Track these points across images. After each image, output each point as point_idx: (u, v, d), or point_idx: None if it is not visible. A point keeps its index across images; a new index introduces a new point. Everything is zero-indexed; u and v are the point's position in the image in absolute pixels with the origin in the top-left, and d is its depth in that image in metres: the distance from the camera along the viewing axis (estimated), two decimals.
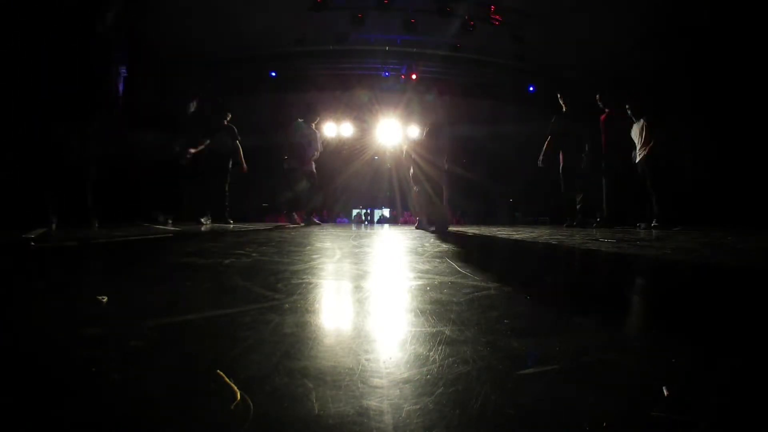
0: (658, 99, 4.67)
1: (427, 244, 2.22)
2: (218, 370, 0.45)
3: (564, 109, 5.01)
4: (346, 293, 0.99)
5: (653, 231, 3.84)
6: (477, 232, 3.75)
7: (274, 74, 8.26)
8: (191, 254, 1.68)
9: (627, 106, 4.81)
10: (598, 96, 5.00)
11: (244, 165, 5.37)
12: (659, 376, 0.47)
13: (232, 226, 4.55)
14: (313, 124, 5.57)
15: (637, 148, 4.70)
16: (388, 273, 1.34)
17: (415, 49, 8.08)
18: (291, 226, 4.94)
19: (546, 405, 0.41)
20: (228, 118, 5.36)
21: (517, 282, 1.08)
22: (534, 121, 6.61)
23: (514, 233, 3.48)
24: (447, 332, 0.62)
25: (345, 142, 9.68)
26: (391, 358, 0.52)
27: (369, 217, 11.16)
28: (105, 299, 0.77)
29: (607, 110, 4.96)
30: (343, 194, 10.53)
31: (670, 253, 1.81)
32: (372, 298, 0.92)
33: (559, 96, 5.08)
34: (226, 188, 5.28)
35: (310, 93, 8.82)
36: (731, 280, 1.23)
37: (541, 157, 5.08)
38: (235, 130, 5.34)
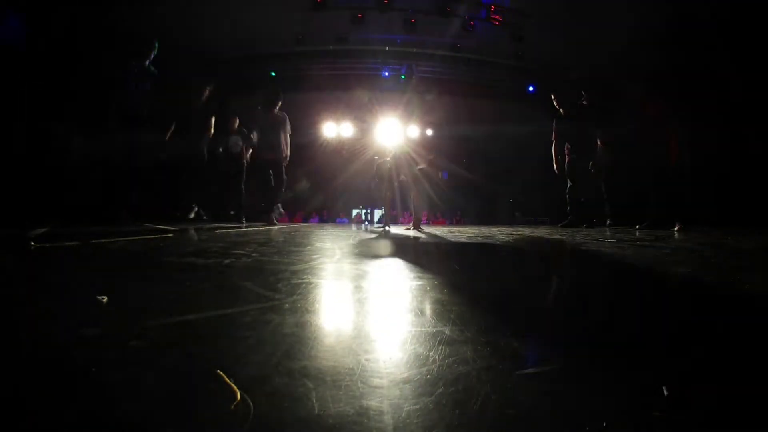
0: (658, 99, 4.65)
1: (427, 244, 2.22)
2: (218, 370, 0.45)
3: (561, 111, 4.99)
4: (346, 293, 0.99)
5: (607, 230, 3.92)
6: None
7: (274, 74, 8.26)
8: (191, 254, 1.68)
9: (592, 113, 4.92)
10: (552, 96, 5.05)
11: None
12: (660, 376, 0.47)
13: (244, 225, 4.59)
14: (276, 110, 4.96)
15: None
16: (388, 273, 1.34)
17: (415, 49, 8.07)
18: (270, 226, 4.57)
19: (546, 405, 0.41)
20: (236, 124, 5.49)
21: (518, 283, 1.08)
22: (534, 121, 6.60)
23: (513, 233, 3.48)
24: (447, 332, 0.62)
25: (345, 142, 9.69)
26: (391, 358, 0.52)
27: (369, 217, 11.16)
28: (105, 299, 0.77)
29: (561, 110, 4.98)
30: (343, 194, 10.53)
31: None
32: (372, 298, 0.92)
33: (552, 97, 5.06)
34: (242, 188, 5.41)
35: (310, 93, 8.83)
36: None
37: (555, 166, 5.06)
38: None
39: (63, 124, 3.02)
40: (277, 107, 5.03)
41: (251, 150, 5.15)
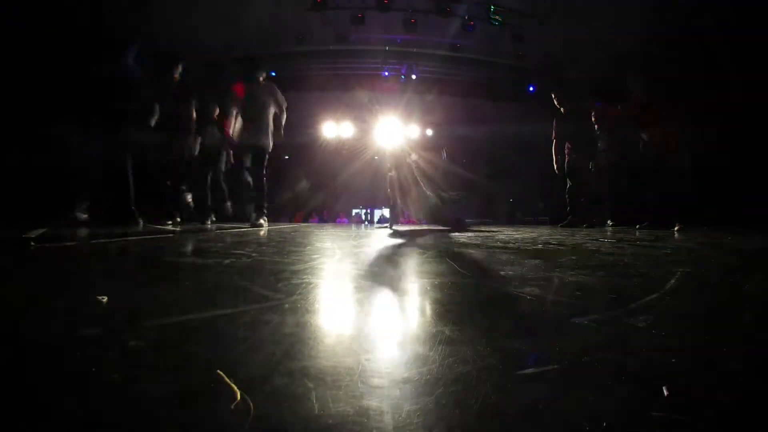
0: (659, 98, 4.65)
1: (426, 245, 2.22)
2: (218, 370, 0.45)
3: (562, 110, 4.99)
4: (347, 293, 0.99)
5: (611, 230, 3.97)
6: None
7: (273, 74, 8.27)
8: (191, 254, 1.69)
9: (592, 114, 4.96)
10: (552, 95, 5.05)
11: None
12: (660, 376, 0.47)
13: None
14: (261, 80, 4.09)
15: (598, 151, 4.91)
16: (388, 273, 1.34)
17: (415, 49, 8.08)
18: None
19: (546, 405, 0.41)
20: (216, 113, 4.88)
21: (518, 282, 1.07)
22: (534, 122, 6.60)
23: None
24: (447, 332, 0.62)
25: (345, 142, 9.69)
26: (391, 358, 0.52)
27: (369, 217, 11.17)
28: (105, 299, 0.77)
29: (562, 110, 4.99)
30: (343, 194, 10.53)
31: None
32: (372, 298, 0.92)
33: (553, 96, 5.06)
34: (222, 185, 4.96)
35: (310, 93, 8.83)
36: None
37: (555, 165, 5.07)
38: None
39: (58, 123, 2.97)
40: (262, 77, 4.14)
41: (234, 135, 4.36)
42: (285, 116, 4.13)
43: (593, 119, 4.83)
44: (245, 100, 4.01)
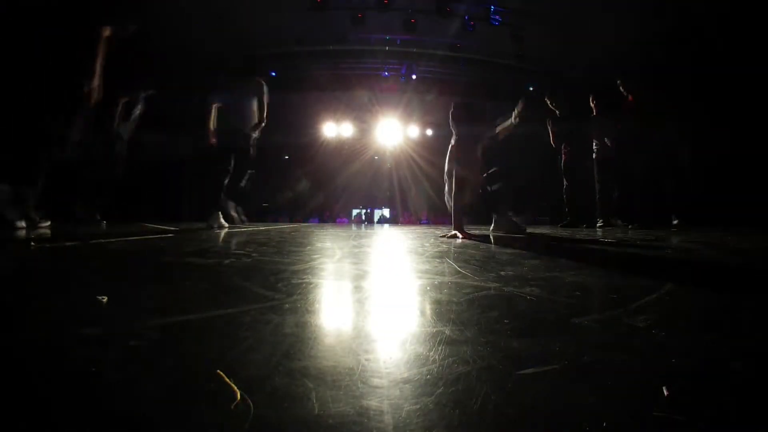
0: (659, 98, 4.65)
1: (426, 244, 2.22)
2: (218, 370, 0.45)
3: (558, 113, 5.01)
4: (346, 293, 0.99)
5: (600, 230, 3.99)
6: None
7: (274, 74, 8.26)
8: (191, 254, 1.68)
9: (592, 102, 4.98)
10: (547, 99, 5.08)
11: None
12: (660, 376, 0.47)
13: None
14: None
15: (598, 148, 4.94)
16: (388, 273, 1.34)
17: (415, 49, 8.09)
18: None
19: (546, 405, 0.41)
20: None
21: (518, 282, 1.07)
22: (534, 122, 6.60)
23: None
24: (447, 332, 0.62)
25: (345, 142, 9.70)
26: (391, 358, 0.52)
27: (369, 217, 11.17)
28: (105, 299, 0.77)
29: (558, 112, 5.01)
30: (343, 194, 10.53)
31: None
32: (372, 298, 0.92)
33: (548, 101, 5.08)
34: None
35: (310, 93, 8.83)
36: None
37: (563, 167, 5.08)
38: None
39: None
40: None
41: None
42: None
43: (593, 108, 4.87)
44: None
